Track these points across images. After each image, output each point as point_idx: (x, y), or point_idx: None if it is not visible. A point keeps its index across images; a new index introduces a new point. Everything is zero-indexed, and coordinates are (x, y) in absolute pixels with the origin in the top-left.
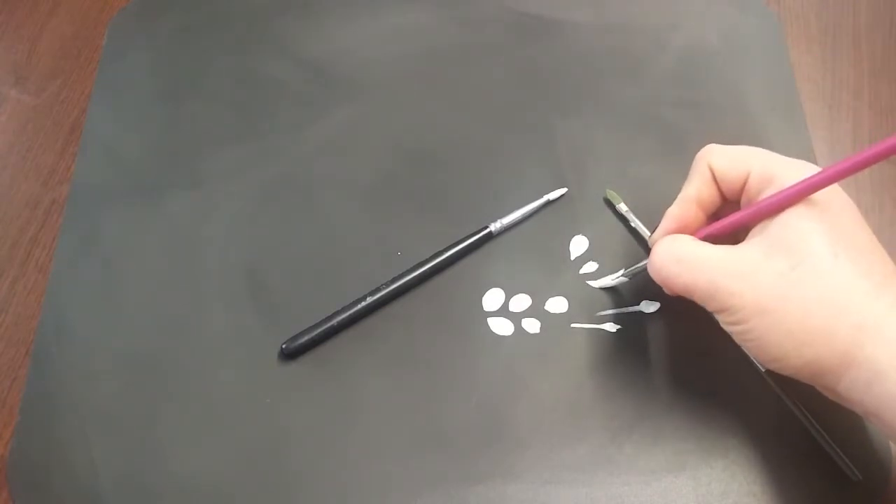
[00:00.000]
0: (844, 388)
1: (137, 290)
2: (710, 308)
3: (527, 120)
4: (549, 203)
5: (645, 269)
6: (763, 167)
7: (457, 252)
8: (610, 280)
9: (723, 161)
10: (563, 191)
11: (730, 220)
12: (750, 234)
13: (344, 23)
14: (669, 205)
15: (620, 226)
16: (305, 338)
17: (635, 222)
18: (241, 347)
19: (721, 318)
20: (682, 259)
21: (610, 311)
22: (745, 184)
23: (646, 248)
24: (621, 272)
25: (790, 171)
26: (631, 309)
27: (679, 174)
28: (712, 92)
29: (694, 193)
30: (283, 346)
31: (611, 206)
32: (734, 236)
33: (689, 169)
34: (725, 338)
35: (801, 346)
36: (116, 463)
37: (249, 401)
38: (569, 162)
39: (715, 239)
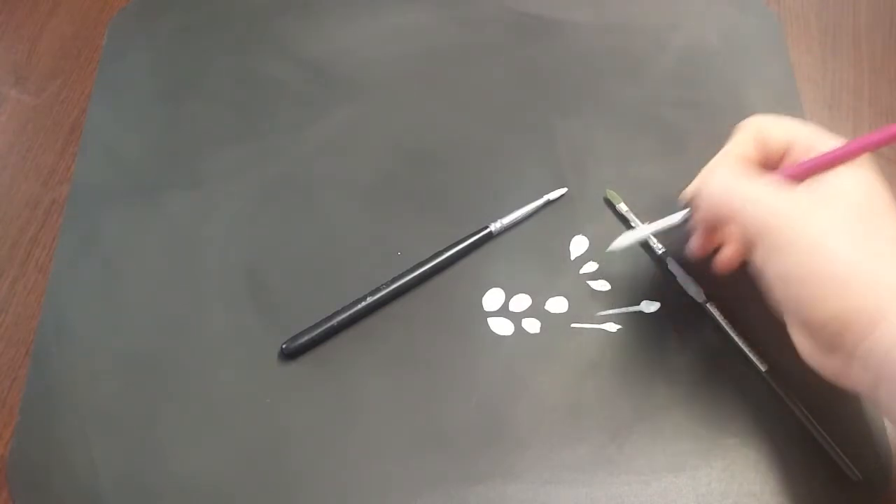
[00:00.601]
0: (865, 349)
1: (137, 290)
2: (755, 236)
3: (527, 120)
4: (549, 203)
5: (675, 225)
6: (808, 138)
7: (457, 252)
8: (631, 237)
9: (772, 124)
10: (563, 191)
11: (788, 170)
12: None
13: (344, 23)
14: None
15: (620, 226)
16: (305, 338)
17: (635, 222)
18: (241, 347)
19: (764, 252)
20: (742, 180)
21: (610, 311)
22: (786, 151)
23: (646, 248)
24: (647, 226)
25: (832, 142)
26: (631, 309)
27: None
28: (712, 92)
29: (736, 150)
30: (284, 346)
31: (611, 206)
32: None
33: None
34: (726, 337)
35: (844, 291)
36: (116, 463)
37: (249, 401)
38: (569, 162)
39: None
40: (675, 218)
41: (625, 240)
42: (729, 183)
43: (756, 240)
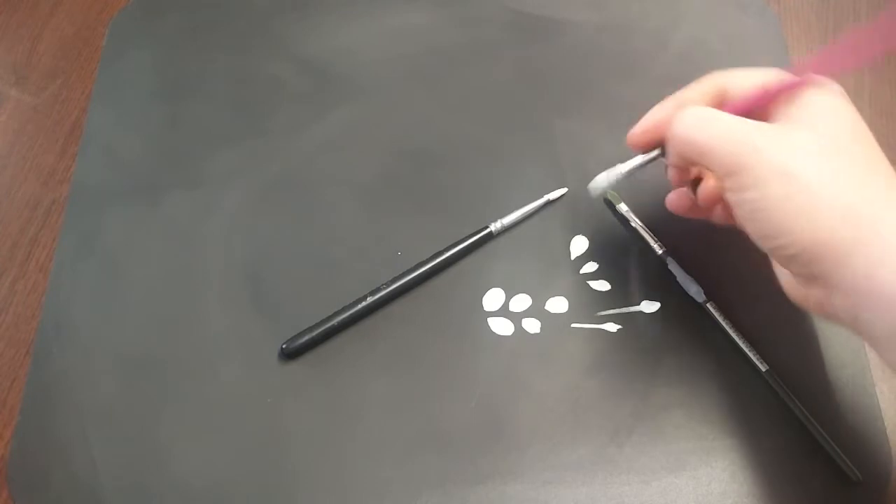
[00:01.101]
0: (844, 276)
1: (138, 290)
2: (726, 170)
3: (527, 120)
4: (549, 203)
5: (647, 162)
6: (777, 74)
7: (457, 252)
8: (607, 176)
9: (736, 76)
10: (563, 191)
11: (750, 95)
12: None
13: (344, 23)
14: None
15: (620, 226)
16: (306, 338)
17: (635, 222)
18: (241, 347)
19: (735, 185)
20: (710, 117)
21: (610, 311)
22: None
23: (646, 248)
24: (622, 164)
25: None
26: (631, 309)
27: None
28: None
29: (693, 96)
30: (284, 345)
31: (611, 206)
32: None
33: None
34: (726, 337)
35: (816, 218)
36: (116, 463)
37: (249, 401)
38: (569, 162)
39: None
40: (649, 155)
41: (602, 180)
42: (694, 121)
43: (727, 176)
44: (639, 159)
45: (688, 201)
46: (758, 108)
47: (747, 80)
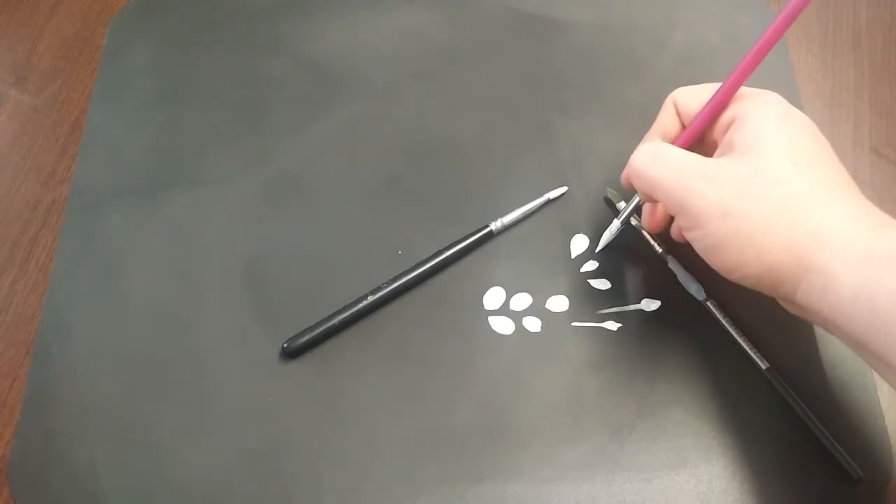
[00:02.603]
0: (801, 297)
1: (138, 290)
2: (673, 211)
3: (527, 119)
4: (549, 202)
5: (634, 208)
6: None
7: (457, 251)
8: (608, 235)
9: (686, 95)
10: (563, 190)
11: (693, 125)
12: (717, 151)
13: (344, 23)
14: None
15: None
16: (306, 337)
17: (635, 221)
18: (242, 347)
19: (684, 224)
20: (658, 155)
21: (611, 310)
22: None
23: (646, 247)
24: (616, 221)
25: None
26: (632, 307)
27: None
28: None
29: (658, 128)
30: (284, 345)
31: (611, 205)
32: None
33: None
34: (726, 335)
35: (762, 253)
36: (116, 462)
37: (250, 400)
38: (569, 161)
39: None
40: (634, 200)
41: (606, 237)
42: (645, 160)
43: (675, 214)
44: (629, 205)
45: (666, 222)
46: (706, 131)
47: (695, 98)
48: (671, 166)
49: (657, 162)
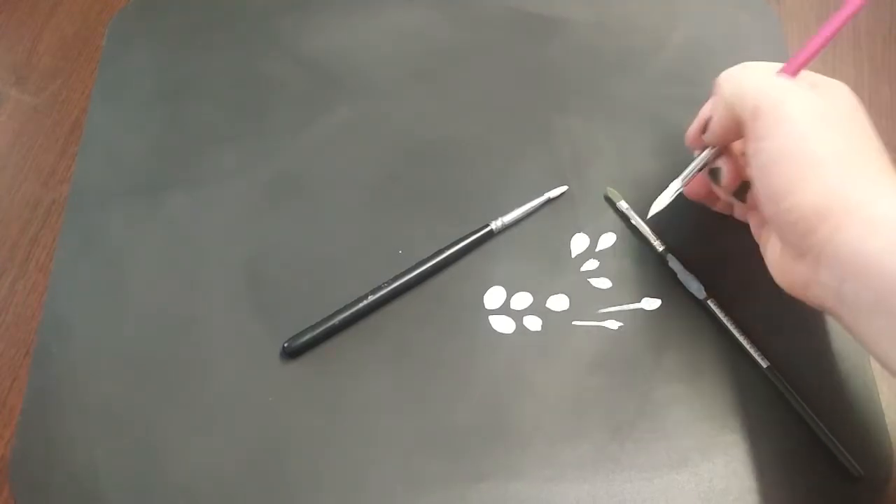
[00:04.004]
0: (839, 241)
1: (138, 290)
2: (751, 112)
3: (527, 118)
4: (549, 201)
5: (702, 164)
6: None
7: (458, 250)
8: (667, 197)
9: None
10: (563, 189)
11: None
12: None
13: (344, 22)
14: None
15: (621, 223)
16: (307, 336)
17: (636, 220)
18: (242, 346)
19: (756, 130)
20: (750, 67)
21: (611, 309)
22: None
23: (646, 247)
24: (677, 183)
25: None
26: (632, 306)
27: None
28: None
29: (706, 111)
30: (285, 344)
31: (611, 203)
32: None
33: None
34: (727, 334)
35: (817, 179)
36: (117, 462)
37: (250, 400)
38: (569, 160)
39: None
40: (702, 159)
41: (662, 201)
42: (735, 69)
43: (751, 120)
44: (692, 167)
45: (705, 187)
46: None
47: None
48: (759, 75)
49: (747, 71)
